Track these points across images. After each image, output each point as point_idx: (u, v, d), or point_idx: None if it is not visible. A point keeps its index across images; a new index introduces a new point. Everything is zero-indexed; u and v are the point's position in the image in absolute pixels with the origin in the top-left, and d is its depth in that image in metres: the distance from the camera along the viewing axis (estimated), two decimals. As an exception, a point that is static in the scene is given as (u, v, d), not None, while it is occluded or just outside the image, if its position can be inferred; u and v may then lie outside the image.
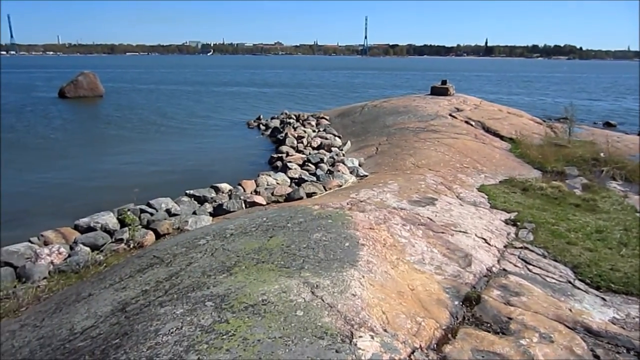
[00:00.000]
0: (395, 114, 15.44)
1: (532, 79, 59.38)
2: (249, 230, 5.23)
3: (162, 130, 19.03)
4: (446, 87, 18.60)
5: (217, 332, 2.92)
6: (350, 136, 14.45)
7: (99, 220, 7.14)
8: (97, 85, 31.13)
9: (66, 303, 4.42)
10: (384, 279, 3.97)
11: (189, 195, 8.57)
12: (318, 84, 48.41)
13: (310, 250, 4.35)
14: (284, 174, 10.09)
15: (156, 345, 2.87)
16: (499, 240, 5.66)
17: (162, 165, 13.01)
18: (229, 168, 12.23)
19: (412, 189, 7.58)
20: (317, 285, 3.57)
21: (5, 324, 4.47)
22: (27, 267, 5.85)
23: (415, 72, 75.09)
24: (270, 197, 8.44)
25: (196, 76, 60.67)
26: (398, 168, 9.75)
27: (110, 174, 12.00)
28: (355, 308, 3.31)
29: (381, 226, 5.36)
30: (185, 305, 3.41)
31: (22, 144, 16.03)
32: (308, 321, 3.05)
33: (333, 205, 6.27)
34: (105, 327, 3.44)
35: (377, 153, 11.66)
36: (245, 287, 3.56)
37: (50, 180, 11.48)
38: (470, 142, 11.67)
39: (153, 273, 4.44)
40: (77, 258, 6.07)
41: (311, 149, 13.23)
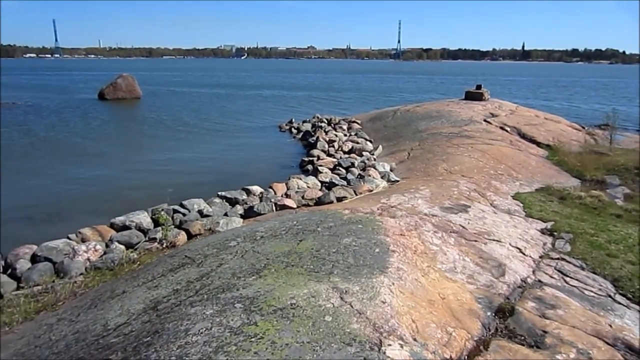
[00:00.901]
0: (428, 119, 15.25)
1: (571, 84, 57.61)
2: (279, 233, 5.24)
3: (196, 132, 19.39)
4: (481, 92, 18.25)
5: (245, 334, 2.93)
6: (382, 141, 14.35)
7: (134, 219, 7.33)
8: (135, 87, 32.03)
9: (101, 299, 4.54)
10: (414, 286, 3.91)
11: (221, 197, 8.69)
12: (350, 87, 48.36)
13: (340, 255, 4.33)
14: (314, 177, 10.11)
15: (186, 345, 2.91)
16: (535, 250, 5.49)
17: (195, 166, 13.25)
18: (260, 171, 12.34)
19: (444, 195, 7.45)
20: (346, 291, 3.54)
21: (43, 317, 4.63)
22: (65, 262, 6.05)
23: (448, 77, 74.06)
24: (301, 201, 8.46)
25: (230, 79, 61.65)
26: (430, 174, 9.61)
27: (145, 174, 12.30)
28: (385, 315, 3.27)
29: (412, 233, 5.29)
30: (215, 306, 3.44)
31: (63, 143, 16.64)
32: (336, 327, 3.03)
33: (363, 210, 6.23)
34: (138, 324, 3.51)
35: (409, 158, 11.54)
36: (274, 290, 3.57)
37: (89, 178, 11.86)
38: (505, 148, 11.41)
39: (184, 273, 4.50)
40: (112, 256, 6.23)
41: (342, 153, 13.21)
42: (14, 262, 6.09)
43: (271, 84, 51.90)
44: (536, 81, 63.95)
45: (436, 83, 57.72)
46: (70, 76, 66.11)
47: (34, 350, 3.66)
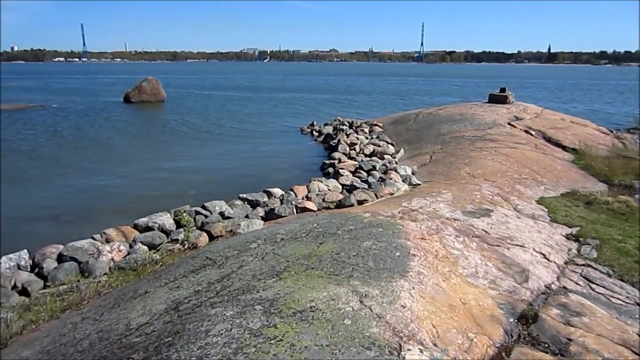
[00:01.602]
0: (450, 122, 15.09)
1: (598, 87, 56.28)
2: (300, 235, 5.25)
3: (218, 135, 19.61)
4: (505, 95, 17.98)
5: (265, 337, 2.94)
6: (404, 144, 14.26)
7: (157, 220, 7.44)
8: (159, 90, 32.59)
9: (124, 299, 4.62)
10: (434, 291, 3.86)
11: (242, 199, 8.76)
12: (372, 90, 48.23)
13: (360, 258, 4.31)
14: (335, 180, 10.10)
15: (206, 346, 2.93)
16: (559, 256, 5.37)
17: (217, 168, 13.39)
18: (281, 173, 12.39)
19: (466, 199, 7.36)
20: (366, 295, 3.53)
21: (68, 316, 4.74)
22: (89, 262, 6.18)
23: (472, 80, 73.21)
24: (321, 203, 8.46)
25: (252, 82, 62.18)
26: (452, 177, 9.51)
27: (168, 176, 12.49)
28: (405, 320, 3.24)
29: (433, 237, 5.23)
30: (235, 307, 3.46)
31: (89, 145, 17.02)
32: (356, 330, 3.01)
33: (384, 214, 6.19)
34: (159, 324, 3.55)
35: (431, 161, 11.44)
36: (294, 293, 3.57)
37: (113, 179, 12.10)
38: (529, 152, 11.20)
39: (205, 274, 4.55)
40: (136, 256, 6.34)
41: (363, 156, 13.17)
42: (41, 262, 6.25)
43: (293, 87, 52.14)
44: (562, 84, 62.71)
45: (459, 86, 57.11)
46: (97, 79, 67.67)
47: (59, 348, 3.74)
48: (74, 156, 15.20)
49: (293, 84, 59.31)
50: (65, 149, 16.36)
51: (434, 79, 73.79)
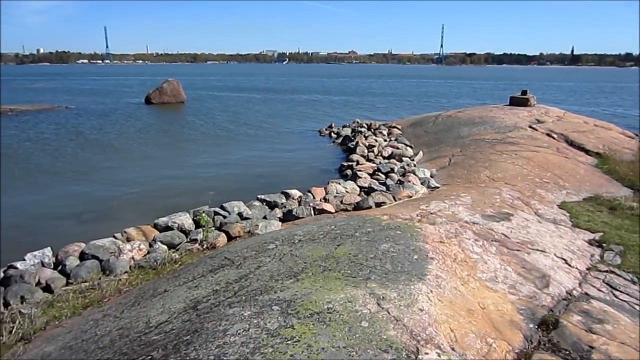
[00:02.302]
0: (470, 125, 14.94)
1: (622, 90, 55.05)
2: (317, 237, 5.26)
3: (237, 136, 19.76)
4: (526, 98, 17.72)
5: (282, 337, 2.96)
6: (423, 146, 14.17)
7: (176, 220, 7.53)
8: (179, 92, 33.01)
9: (144, 297, 4.69)
10: (453, 295, 3.83)
11: (261, 200, 8.81)
12: (391, 92, 48.05)
13: (378, 261, 4.30)
14: (353, 182, 10.08)
15: (224, 345, 2.96)
16: (581, 261, 5.27)
17: (236, 169, 13.49)
18: (299, 175, 12.43)
19: (486, 202, 7.28)
20: (384, 297, 3.51)
21: (90, 313, 4.83)
22: (111, 261, 6.29)
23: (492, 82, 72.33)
24: (339, 205, 8.46)
25: (271, 84, 62.51)
26: (472, 180, 9.41)
27: (188, 176, 12.64)
28: (422, 323, 3.22)
29: (452, 240, 5.19)
30: (252, 307, 3.49)
31: (110, 145, 17.33)
32: (373, 333, 3.00)
33: (402, 216, 6.16)
34: (178, 323, 3.60)
35: (450, 164, 11.34)
36: (311, 294, 3.58)
37: (134, 179, 12.29)
38: (551, 155, 11.02)
39: (224, 274, 4.59)
40: (155, 255, 6.43)
41: (382, 158, 13.12)
42: (63, 259, 6.38)
43: (311, 89, 52.27)
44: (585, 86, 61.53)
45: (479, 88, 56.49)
46: (119, 81, 68.86)
47: (81, 344, 3.82)
48: (96, 156, 15.49)
49: (311, 85, 59.44)
50: (87, 149, 16.69)
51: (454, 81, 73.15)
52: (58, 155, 15.44)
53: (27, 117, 24.82)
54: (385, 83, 66.76)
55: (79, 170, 13.48)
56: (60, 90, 47.44)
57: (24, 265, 6.14)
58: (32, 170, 13.41)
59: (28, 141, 17.87)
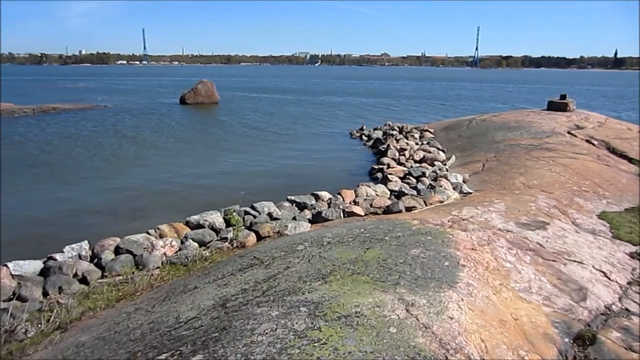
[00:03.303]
0: (505, 129, 14.61)
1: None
2: (346, 240, 5.24)
3: (269, 137, 19.93)
4: (565, 102, 17.19)
5: (309, 339, 2.95)
6: (455, 151, 13.94)
7: (208, 218, 7.65)
8: (213, 92, 33.58)
9: (174, 293, 4.78)
10: (484, 304, 3.74)
11: (290, 201, 8.85)
12: (423, 95, 47.51)
13: (407, 266, 4.24)
14: (383, 185, 10.01)
15: (251, 344, 2.98)
16: (622, 275, 5.06)
17: (267, 170, 13.61)
18: (329, 176, 12.43)
19: (520, 210, 7.09)
20: (413, 304, 3.47)
21: (123, 306, 4.95)
22: (144, 256, 6.44)
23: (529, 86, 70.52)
24: (369, 209, 8.41)
25: (302, 85, 62.82)
26: (506, 187, 9.19)
27: (219, 175, 12.83)
28: (452, 332, 3.15)
29: (484, 247, 5.07)
30: (280, 308, 3.50)
31: (146, 143, 17.77)
32: (401, 339, 2.96)
33: (433, 222, 6.07)
34: (207, 320, 3.65)
35: (484, 170, 11.11)
36: (339, 297, 3.57)
37: (168, 177, 12.56)
38: (591, 163, 10.65)
39: (252, 273, 4.63)
40: (187, 252, 6.55)
41: (413, 162, 12.98)
42: (99, 253, 6.58)
43: (343, 91, 52.24)
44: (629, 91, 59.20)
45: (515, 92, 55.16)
46: (155, 81, 70.62)
47: (114, 336, 3.92)
48: (132, 153, 15.92)
49: (343, 87, 59.42)
50: (124, 146, 17.17)
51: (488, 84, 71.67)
52: (96, 153, 15.95)
53: (68, 116, 25.77)
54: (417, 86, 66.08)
55: (115, 167, 13.89)
56: (100, 90, 49.03)
57: (63, 257, 6.36)
58: (72, 166, 13.90)
59: (68, 138, 18.54)
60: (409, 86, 64.62)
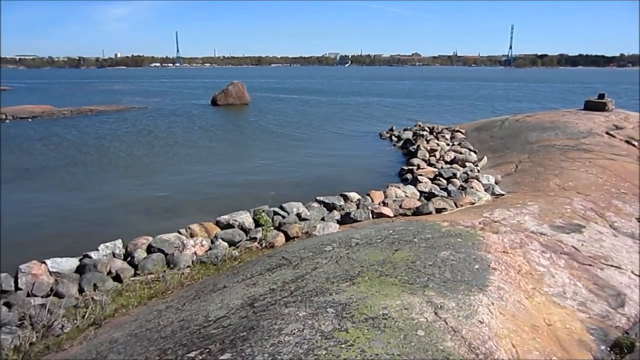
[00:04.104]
0: (539, 130, 14.22)
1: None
2: (375, 241, 5.21)
3: (298, 138, 20.02)
4: (603, 102, 16.60)
5: (336, 340, 2.94)
6: (487, 152, 13.67)
7: (237, 218, 7.74)
8: (244, 94, 33.99)
9: (204, 292, 4.86)
10: (516, 308, 3.65)
11: (319, 202, 8.86)
12: (454, 95, 46.77)
13: (436, 268, 4.18)
14: (413, 187, 9.91)
15: (278, 344, 2.99)
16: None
17: (296, 170, 13.67)
18: (358, 177, 12.38)
19: (555, 212, 6.89)
20: (441, 307, 3.41)
21: (154, 304, 5.06)
22: (175, 255, 6.57)
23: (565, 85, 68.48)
24: (398, 210, 8.34)
25: (332, 86, 62.83)
26: (540, 189, 8.95)
27: (249, 176, 12.97)
28: (482, 336, 3.09)
29: (516, 251, 4.95)
30: (308, 308, 3.51)
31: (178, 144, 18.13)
32: (429, 342, 2.92)
33: (464, 224, 5.97)
34: (235, 319, 3.69)
35: (517, 171, 10.85)
36: (366, 299, 3.55)
37: (199, 177, 12.78)
38: (631, 164, 10.25)
39: (281, 273, 4.66)
40: (216, 252, 6.64)
41: (444, 162, 12.80)
42: (132, 251, 6.75)
43: (372, 91, 51.97)
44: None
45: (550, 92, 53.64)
46: (187, 83, 71.99)
47: (145, 333, 4.01)
48: (165, 154, 16.27)
49: (372, 88, 59.12)
50: (157, 146, 17.57)
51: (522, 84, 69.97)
52: (130, 153, 16.38)
53: (103, 117, 26.57)
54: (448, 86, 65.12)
55: (148, 166, 14.23)
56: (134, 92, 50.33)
57: (97, 255, 6.56)
58: (107, 166, 14.32)
59: (103, 139, 19.11)
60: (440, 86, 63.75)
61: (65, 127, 22.31)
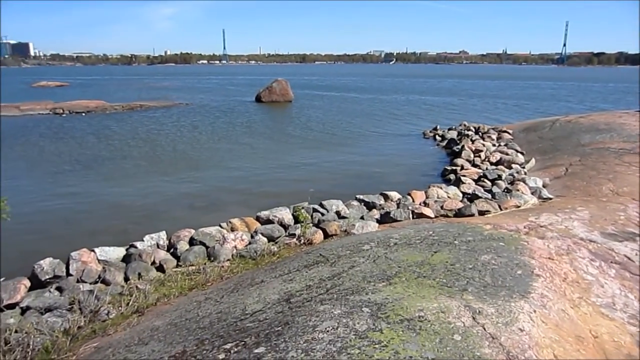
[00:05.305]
0: (593, 132, 13.59)
1: None
2: (414, 242, 5.14)
3: (340, 135, 20.01)
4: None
5: (370, 340, 2.92)
6: (535, 153, 13.18)
7: (277, 214, 7.83)
8: (287, 91, 34.31)
9: (242, 285, 4.94)
10: (559, 318, 3.50)
11: (359, 200, 8.82)
12: (502, 94, 45.33)
13: (476, 272, 4.07)
14: (456, 187, 9.69)
15: (312, 340, 3.00)
16: None
17: (337, 168, 13.67)
18: (399, 176, 12.25)
19: (607, 219, 6.56)
20: (480, 312, 3.32)
21: (194, 295, 5.20)
22: (215, 248, 6.72)
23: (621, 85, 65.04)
24: (439, 211, 8.18)
25: (377, 84, 62.34)
26: (591, 193, 8.55)
27: (290, 172, 13.09)
28: (522, 345, 2.98)
29: (563, 257, 4.75)
30: (343, 306, 3.50)
31: (222, 140, 18.53)
32: (465, 348, 2.85)
33: (507, 227, 5.78)
34: (271, 313, 3.73)
35: (566, 174, 10.41)
36: (402, 300, 3.50)
37: (241, 173, 13.02)
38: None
39: (318, 270, 4.67)
40: (256, 246, 6.74)
41: (489, 164, 12.46)
42: (175, 243, 6.95)
43: (417, 90, 51.20)
44: None
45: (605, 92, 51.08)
46: (233, 80, 73.39)
47: (184, 323, 4.12)
48: (209, 149, 16.68)
49: (417, 86, 58.24)
50: (201, 141, 18.03)
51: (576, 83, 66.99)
52: (176, 147, 16.88)
53: (152, 113, 27.52)
54: (496, 84, 63.22)
55: (193, 161, 14.62)
56: (182, 89, 51.83)
57: (143, 246, 6.80)
58: (155, 159, 14.82)
59: (151, 133, 19.79)
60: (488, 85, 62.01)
61: (116, 122, 23.29)
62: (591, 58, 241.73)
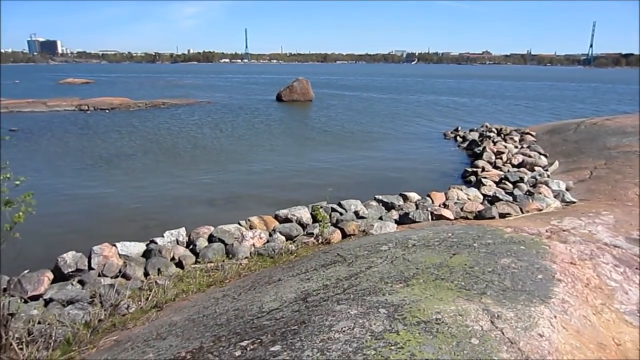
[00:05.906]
0: (620, 135, 13.27)
1: None
2: (432, 243, 5.09)
3: (360, 135, 19.96)
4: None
5: (386, 341, 2.91)
6: (559, 156, 12.93)
7: (295, 213, 7.85)
8: (308, 90, 34.37)
9: (260, 283, 4.97)
10: (581, 324, 3.43)
11: (378, 200, 8.79)
12: (525, 96, 44.58)
13: (496, 275, 4.02)
14: (476, 189, 9.58)
15: (328, 340, 3.00)
16: None
17: (356, 168, 13.64)
18: (419, 177, 12.16)
19: (632, 224, 6.39)
20: (499, 316, 3.27)
21: (212, 291, 5.25)
22: (234, 245, 6.77)
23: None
24: (459, 213, 8.10)
25: (398, 84, 61.97)
26: (617, 198, 8.35)
27: (309, 171, 13.12)
28: (541, 351, 2.93)
29: (585, 262, 4.65)
30: (359, 307, 3.49)
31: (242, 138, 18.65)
32: (483, 352, 2.81)
33: (528, 231, 5.69)
34: (288, 312, 3.74)
35: (591, 178, 10.18)
36: (420, 302, 3.47)
37: (260, 171, 13.09)
38: None
39: (335, 270, 4.67)
40: (274, 245, 6.77)
41: (510, 166, 12.27)
42: (194, 239, 7.03)
43: (438, 90, 50.72)
44: None
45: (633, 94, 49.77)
46: (255, 79, 73.84)
47: (202, 319, 4.17)
48: (229, 147, 16.82)
49: (438, 86, 57.70)
50: (222, 140, 18.19)
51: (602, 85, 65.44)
52: (197, 145, 17.07)
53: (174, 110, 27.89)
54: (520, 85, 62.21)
55: (213, 158, 14.77)
56: (204, 87, 52.37)
57: (163, 242, 6.90)
58: (176, 156, 15.01)
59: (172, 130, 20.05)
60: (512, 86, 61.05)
61: (139, 119, 23.68)
62: (619, 59, 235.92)
